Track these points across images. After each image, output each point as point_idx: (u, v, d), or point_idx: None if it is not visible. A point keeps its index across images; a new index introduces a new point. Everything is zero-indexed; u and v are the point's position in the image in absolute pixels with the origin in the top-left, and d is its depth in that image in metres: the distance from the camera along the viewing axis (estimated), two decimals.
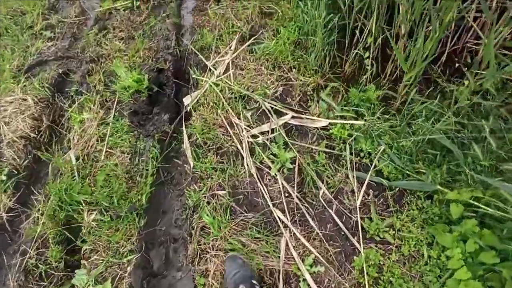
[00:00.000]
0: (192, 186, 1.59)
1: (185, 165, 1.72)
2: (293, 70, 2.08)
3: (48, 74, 2.13)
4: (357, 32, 1.96)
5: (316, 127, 1.79)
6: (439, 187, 1.48)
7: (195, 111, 1.89)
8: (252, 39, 2.22)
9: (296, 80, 2.02)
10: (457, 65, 1.90)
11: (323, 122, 1.78)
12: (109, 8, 2.53)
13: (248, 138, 1.73)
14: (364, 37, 1.96)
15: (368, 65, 1.94)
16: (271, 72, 2.05)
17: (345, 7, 1.92)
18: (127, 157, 1.70)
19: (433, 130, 1.56)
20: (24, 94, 1.99)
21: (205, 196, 1.53)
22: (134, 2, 2.55)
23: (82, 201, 1.52)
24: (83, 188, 1.56)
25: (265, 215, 1.49)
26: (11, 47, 2.32)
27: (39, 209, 1.53)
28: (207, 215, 1.43)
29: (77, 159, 1.68)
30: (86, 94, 1.99)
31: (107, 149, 1.73)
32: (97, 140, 1.77)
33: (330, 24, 1.98)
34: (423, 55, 1.58)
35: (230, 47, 2.18)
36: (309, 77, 2.03)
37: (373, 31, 1.88)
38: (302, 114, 1.85)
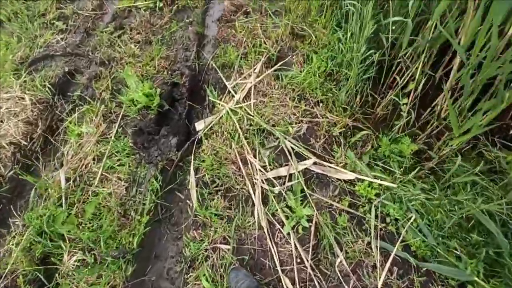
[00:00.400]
0: (192, 233, 1.38)
1: (187, 201, 1.52)
2: (320, 104, 1.87)
3: (52, 72, 1.94)
4: (398, 77, 1.75)
5: (339, 179, 1.58)
6: (476, 278, 1.27)
7: (206, 139, 1.69)
8: (280, 63, 2.00)
9: (322, 117, 1.81)
10: (511, 132, 1.68)
11: (349, 175, 1.56)
12: (129, 5, 2.33)
13: (262, 183, 1.52)
14: (405, 81, 1.75)
15: (404, 112, 1.73)
16: (296, 105, 1.84)
17: (388, 43, 1.72)
18: (123, 185, 1.50)
19: (475, 209, 1.35)
20: (22, 92, 1.81)
21: (206, 250, 1.32)
22: (157, 2, 2.34)
23: (65, 234, 1.32)
24: (68, 218, 1.36)
25: (271, 284, 1.28)
26: (18, 34, 2.13)
27: (14, 236, 1.34)
28: (206, 279, 1.23)
29: (67, 180, 1.49)
30: (90, 103, 1.79)
31: (103, 173, 1.53)
32: (93, 160, 1.57)
33: (368, 60, 1.78)
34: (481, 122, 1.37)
35: (254, 69, 1.98)
36: (337, 115, 1.82)
37: (417, 76, 1.67)
38: (325, 160, 1.64)
